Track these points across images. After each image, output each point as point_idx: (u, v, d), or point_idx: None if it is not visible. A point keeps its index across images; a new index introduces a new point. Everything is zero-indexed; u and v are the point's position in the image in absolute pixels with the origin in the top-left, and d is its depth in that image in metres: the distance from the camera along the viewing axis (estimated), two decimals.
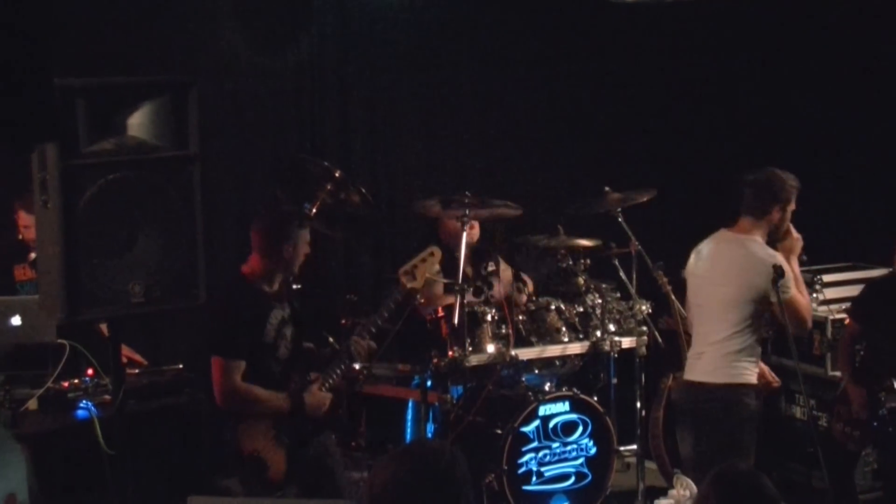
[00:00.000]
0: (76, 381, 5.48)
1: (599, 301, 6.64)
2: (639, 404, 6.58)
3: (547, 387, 6.45)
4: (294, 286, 5.70)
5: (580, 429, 6.31)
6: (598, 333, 6.56)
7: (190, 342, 6.59)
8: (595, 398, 6.40)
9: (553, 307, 6.58)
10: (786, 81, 8.32)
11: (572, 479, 6.28)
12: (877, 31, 7.78)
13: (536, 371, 6.58)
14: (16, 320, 5.51)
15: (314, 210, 6.37)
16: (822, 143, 8.17)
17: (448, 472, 2.82)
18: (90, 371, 5.51)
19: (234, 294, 5.36)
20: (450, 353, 6.12)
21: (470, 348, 6.18)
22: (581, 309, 6.64)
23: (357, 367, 5.98)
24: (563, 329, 6.54)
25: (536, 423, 6.17)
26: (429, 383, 6.33)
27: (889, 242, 6.10)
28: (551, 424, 6.22)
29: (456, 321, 6.07)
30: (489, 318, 6.35)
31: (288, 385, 5.31)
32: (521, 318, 6.49)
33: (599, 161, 8.29)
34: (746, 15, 8.22)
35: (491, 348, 6.29)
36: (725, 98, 8.52)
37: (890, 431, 5.79)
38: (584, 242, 6.69)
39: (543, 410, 6.19)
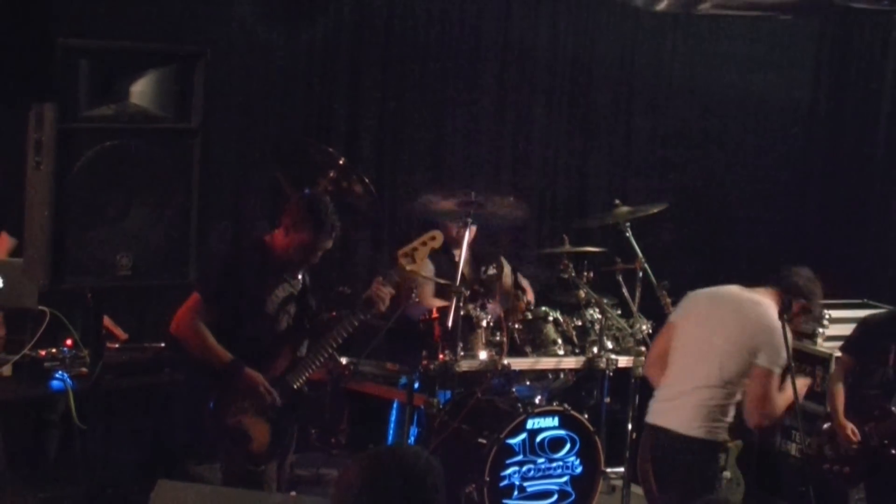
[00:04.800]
0: (53, 350, 5.54)
1: (599, 316, 6.75)
2: (630, 426, 6.66)
3: (537, 400, 6.53)
4: None
5: (567, 446, 6.36)
6: (595, 349, 6.67)
7: None
8: (586, 416, 6.44)
9: (551, 318, 6.68)
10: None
11: (555, 497, 6.34)
12: None
13: (528, 383, 6.67)
14: None
15: None
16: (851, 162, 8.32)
17: (419, 480, 2.84)
18: (69, 342, 5.58)
19: (245, 252, 5.49)
20: (440, 356, 6.22)
21: (462, 353, 6.25)
22: (580, 322, 6.76)
23: (344, 361, 6.14)
24: (560, 342, 6.64)
25: (523, 436, 6.22)
26: (416, 385, 6.44)
27: None
28: (538, 439, 6.27)
29: (450, 324, 6.12)
30: (484, 323, 6.42)
31: (273, 359, 5.41)
32: (517, 326, 6.58)
33: (612, 174, 8.45)
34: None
35: (483, 355, 6.37)
36: (752, 113, 8.73)
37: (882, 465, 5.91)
38: (588, 249, 6.83)
39: (532, 424, 6.24)
